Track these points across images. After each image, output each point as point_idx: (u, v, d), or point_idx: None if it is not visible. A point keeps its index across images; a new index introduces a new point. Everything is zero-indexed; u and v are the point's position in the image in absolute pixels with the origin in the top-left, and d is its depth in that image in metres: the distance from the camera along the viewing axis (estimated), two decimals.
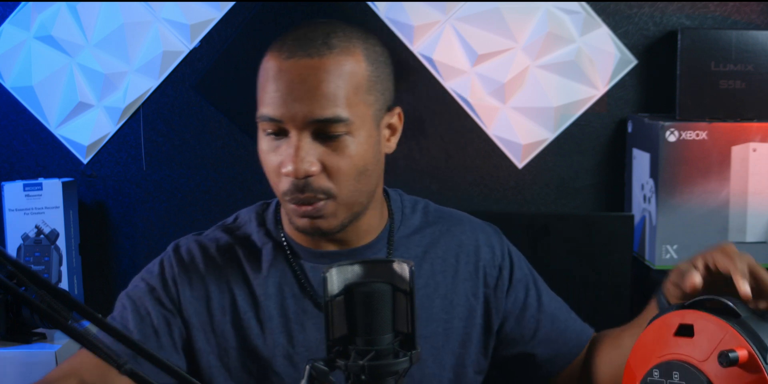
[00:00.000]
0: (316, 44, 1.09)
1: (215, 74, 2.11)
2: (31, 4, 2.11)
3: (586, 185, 2.10)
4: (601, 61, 2.04)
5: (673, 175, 1.82)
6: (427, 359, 1.19)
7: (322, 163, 1.09)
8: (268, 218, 1.24)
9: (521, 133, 2.08)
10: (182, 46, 2.11)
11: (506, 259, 1.27)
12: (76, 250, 2.10)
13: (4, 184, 2.07)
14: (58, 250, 2.06)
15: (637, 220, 1.92)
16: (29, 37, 2.12)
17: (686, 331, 0.94)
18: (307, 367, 0.77)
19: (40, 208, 2.05)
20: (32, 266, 2.02)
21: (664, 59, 2.01)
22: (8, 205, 2.06)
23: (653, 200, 1.85)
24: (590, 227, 1.88)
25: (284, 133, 1.10)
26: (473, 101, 2.07)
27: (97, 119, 2.14)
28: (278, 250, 1.20)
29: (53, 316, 0.66)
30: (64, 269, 2.06)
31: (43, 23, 2.11)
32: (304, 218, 1.12)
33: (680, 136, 1.81)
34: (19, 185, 2.06)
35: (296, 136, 1.08)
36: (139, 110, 2.14)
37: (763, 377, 0.87)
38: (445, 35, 2.05)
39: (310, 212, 1.11)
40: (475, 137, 2.09)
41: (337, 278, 0.78)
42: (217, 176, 2.15)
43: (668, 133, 1.81)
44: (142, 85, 2.12)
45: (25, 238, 2.06)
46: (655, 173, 1.84)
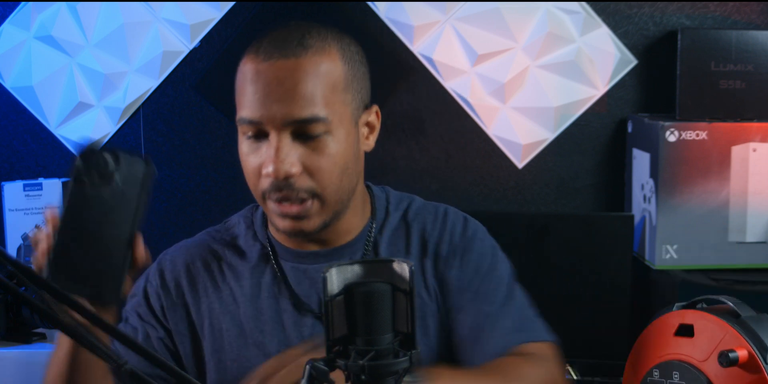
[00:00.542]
0: (291, 45, 1.09)
1: (215, 74, 2.11)
2: (31, 4, 2.11)
3: (586, 185, 2.10)
4: (601, 61, 2.04)
5: (673, 175, 1.82)
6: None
7: (302, 163, 1.09)
8: (256, 220, 1.25)
9: (521, 133, 2.08)
10: (182, 46, 2.11)
11: (470, 245, 1.20)
12: None
13: (4, 184, 2.07)
14: None
15: (637, 220, 1.92)
16: (29, 37, 2.12)
17: (686, 331, 0.94)
18: (307, 367, 0.77)
19: (40, 208, 2.06)
20: (32, 266, 2.02)
21: (664, 59, 2.01)
22: (8, 205, 2.06)
23: (653, 200, 1.85)
24: (590, 227, 1.88)
25: (264, 135, 1.10)
26: (473, 101, 2.07)
27: (97, 119, 2.14)
28: (262, 251, 1.21)
29: (53, 316, 0.66)
30: None
31: (43, 23, 2.11)
32: (286, 219, 1.12)
33: (680, 136, 1.81)
34: (19, 185, 2.06)
35: (276, 137, 1.09)
36: (139, 110, 2.14)
37: (763, 377, 0.87)
38: (445, 35, 2.05)
39: (295, 212, 1.11)
40: (475, 137, 2.09)
41: (336, 278, 0.78)
42: (217, 176, 2.15)
43: (668, 133, 1.81)
44: (142, 85, 2.12)
45: (25, 238, 2.06)
46: (655, 173, 1.84)
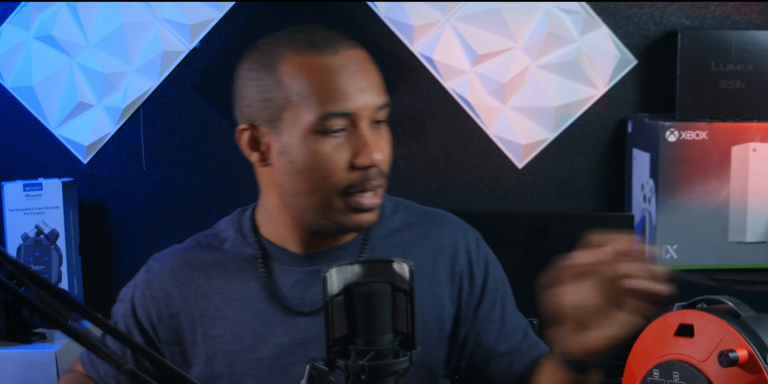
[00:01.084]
0: (343, 39, 1.11)
1: (215, 74, 2.11)
2: (31, 4, 2.11)
3: (586, 185, 2.10)
4: (601, 61, 2.04)
5: (673, 175, 1.82)
6: None
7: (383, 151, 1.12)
8: (244, 224, 1.24)
9: (521, 133, 2.08)
10: (182, 46, 2.11)
11: (482, 267, 1.24)
12: (76, 250, 2.10)
13: (4, 184, 2.07)
14: (58, 250, 2.06)
15: (637, 220, 1.92)
16: (29, 37, 2.12)
17: (686, 331, 0.94)
18: (307, 367, 0.77)
19: (40, 208, 2.05)
20: (32, 266, 2.02)
21: (664, 59, 2.01)
22: (8, 205, 2.06)
23: (653, 200, 1.85)
24: (590, 227, 1.88)
25: (347, 127, 1.09)
26: (473, 101, 2.07)
27: (97, 119, 2.14)
28: (252, 255, 1.20)
29: (53, 316, 0.66)
30: (64, 269, 2.06)
31: (43, 23, 2.11)
32: (361, 213, 1.11)
33: (680, 136, 1.81)
34: (19, 185, 2.06)
35: (366, 126, 1.10)
36: (139, 110, 2.14)
37: (763, 377, 0.87)
38: (445, 35, 2.05)
39: (376, 203, 1.12)
40: (475, 137, 2.09)
41: (336, 278, 0.78)
42: (217, 176, 2.15)
43: (668, 133, 1.81)
44: (142, 85, 2.12)
45: (25, 238, 2.06)
46: (655, 173, 1.84)
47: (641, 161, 1.93)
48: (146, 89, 2.12)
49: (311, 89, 1.07)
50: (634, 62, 2.05)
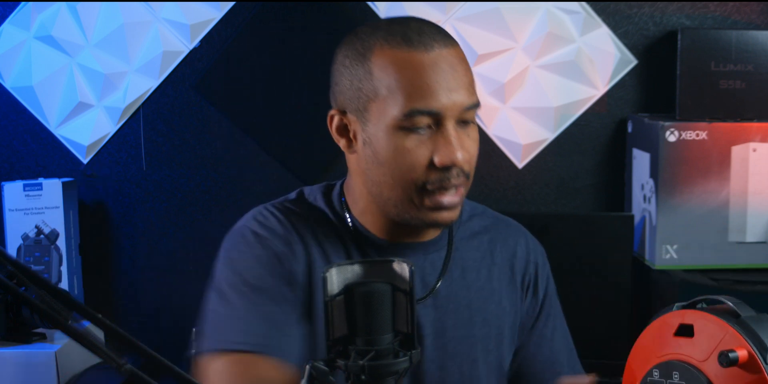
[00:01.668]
0: (441, 36, 1.12)
1: (215, 74, 2.11)
2: (31, 4, 2.11)
3: (586, 185, 2.10)
4: (601, 61, 2.04)
5: (673, 175, 1.82)
6: (478, 359, 1.20)
7: (468, 151, 1.12)
8: (334, 199, 1.21)
9: (521, 133, 2.08)
10: (182, 46, 2.11)
11: (545, 282, 1.28)
12: (76, 250, 2.10)
13: (4, 184, 2.07)
14: (58, 250, 2.06)
15: (637, 220, 1.92)
16: (29, 37, 2.12)
17: (686, 331, 0.94)
18: (307, 367, 0.77)
19: (40, 208, 2.06)
20: (32, 266, 2.03)
21: (664, 59, 2.01)
22: (8, 205, 2.06)
23: (653, 200, 1.85)
24: (590, 227, 1.88)
25: (434, 125, 1.09)
26: None
27: (97, 119, 2.14)
28: (342, 232, 1.18)
29: (53, 316, 0.66)
30: (64, 269, 2.06)
31: (43, 23, 2.11)
32: (441, 211, 1.11)
33: (680, 136, 1.81)
34: (19, 185, 2.06)
35: (452, 125, 1.09)
36: (139, 110, 2.14)
37: (763, 377, 0.87)
38: None
39: (457, 201, 1.11)
40: None
41: (336, 278, 0.78)
42: (217, 176, 2.15)
43: (668, 133, 1.81)
44: (142, 85, 2.12)
45: (25, 238, 2.06)
46: (655, 173, 1.84)
47: (641, 161, 1.93)
48: (146, 89, 2.12)
49: (399, 84, 1.08)
50: (634, 62, 2.05)
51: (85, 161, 2.16)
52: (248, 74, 2.11)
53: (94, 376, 1.91)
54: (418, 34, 1.10)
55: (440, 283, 1.19)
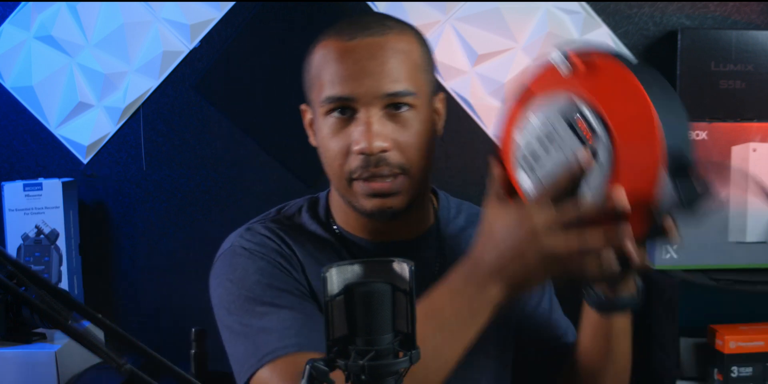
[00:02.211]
0: (375, 26, 1.11)
1: (215, 74, 2.11)
2: (31, 4, 2.11)
3: None
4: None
5: None
6: (473, 360, 1.20)
7: (393, 139, 1.10)
8: (320, 212, 1.23)
9: None
10: (182, 46, 2.11)
11: None
12: (76, 250, 2.10)
13: (4, 184, 2.07)
14: (58, 250, 2.06)
15: None
16: (29, 37, 2.12)
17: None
18: (306, 367, 0.77)
19: (40, 208, 2.06)
20: (32, 266, 2.03)
21: (664, 59, 2.01)
22: (8, 205, 2.06)
23: None
24: None
25: (350, 113, 1.10)
26: (473, 101, 2.07)
27: (97, 119, 2.14)
28: (334, 242, 1.20)
29: (53, 316, 0.66)
30: (64, 269, 2.06)
31: (43, 23, 2.11)
32: (375, 198, 1.11)
33: None
34: (19, 185, 2.06)
35: (366, 113, 1.09)
36: (139, 110, 2.14)
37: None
38: (445, 35, 2.05)
39: (387, 189, 1.10)
40: (475, 137, 2.09)
41: (336, 278, 0.78)
42: (217, 176, 2.15)
43: None
44: (142, 85, 2.12)
45: (25, 238, 2.06)
46: None
47: None
48: (146, 89, 2.12)
49: (321, 72, 1.11)
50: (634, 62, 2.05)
51: (85, 161, 2.17)
52: (248, 74, 2.11)
53: (94, 376, 1.91)
54: (351, 24, 1.12)
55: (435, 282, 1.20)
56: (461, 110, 2.08)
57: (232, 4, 2.08)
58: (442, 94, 1.20)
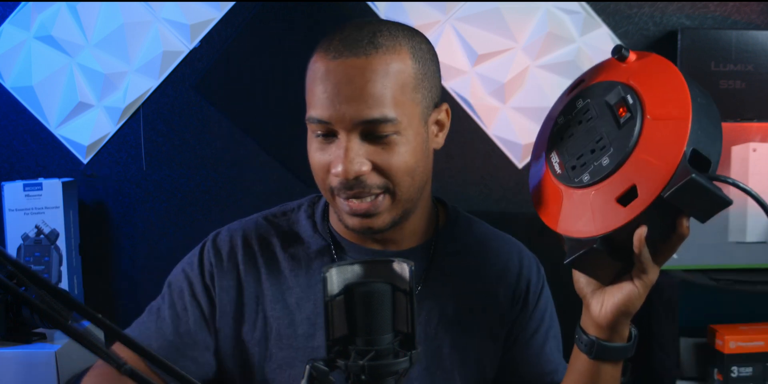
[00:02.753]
0: (362, 44, 1.07)
1: (215, 74, 2.11)
2: (31, 4, 2.11)
3: None
4: (601, 61, 2.04)
5: None
6: (454, 370, 1.22)
7: (372, 161, 1.08)
8: (317, 212, 1.25)
9: (521, 133, 2.08)
10: (182, 46, 2.11)
11: (536, 298, 1.29)
12: (76, 250, 2.10)
13: (4, 184, 2.07)
14: (58, 250, 2.06)
15: None
16: (29, 37, 2.12)
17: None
18: (307, 367, 0.77)
19: (40, 208, 2.05)
20: (32, 266, 2.02)
21: None
22: (8, 205, 2.06)
23: None
24: None
25: (333, 134, 1.09)
26: (473, 101, 2.07)
27: (97, 119, 2.14)
28: (323, 243, 1.21)
29: (53, 316, 0.66)
30: (64, 269, 2.06)
31: (43, 23, 2.11)
32: (355, 217, 1.12)
33: None
34: (19, 185, 2.06)
35: (345, 137, 1.07)
36: (139, 110, 2.14)
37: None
38: (445, 35, 2.05)
39: (365, 209, 1.10)
40: (475, 137, 2.09)
41: (337, 278, 0.78)
42: (217, 176, 2.15)
43: None
44: (142, 85, 2.12)
45: (25, 238, 2.06)
46: None
47: None
48: (146, 89, 2.12)
49: (309, 88, 1.10)
50: None
51: (85, 161, 2.16)
52: (248, 74, 2.11)
53: None
54: (342, 39, 1.09)
55: (419, 290, 1.19)
56: (461, 110, 2.08)
57: (232, 4, 2.08)
58: (445, 104, 1.18)
